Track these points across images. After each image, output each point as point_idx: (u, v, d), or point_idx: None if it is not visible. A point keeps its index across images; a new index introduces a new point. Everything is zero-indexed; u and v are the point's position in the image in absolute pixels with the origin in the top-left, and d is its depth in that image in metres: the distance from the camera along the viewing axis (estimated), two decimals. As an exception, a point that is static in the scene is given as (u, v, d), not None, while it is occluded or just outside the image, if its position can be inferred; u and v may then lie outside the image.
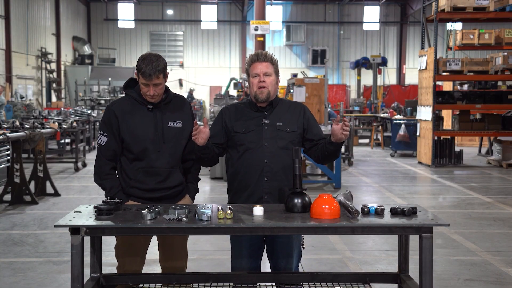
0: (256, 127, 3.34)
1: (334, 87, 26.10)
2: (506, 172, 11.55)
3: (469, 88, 14.86)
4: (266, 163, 3.29)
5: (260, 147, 3.31)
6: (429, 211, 3.15)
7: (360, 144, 17.49)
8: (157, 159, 3.33)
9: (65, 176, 10.52)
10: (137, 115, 3.33)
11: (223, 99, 13.30)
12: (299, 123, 3.41)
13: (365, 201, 7.87)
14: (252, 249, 3.40)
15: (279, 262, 3.42)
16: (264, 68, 3.33)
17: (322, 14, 31.43)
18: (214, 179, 10.18)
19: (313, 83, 11.09)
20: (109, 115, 3.34)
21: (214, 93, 24.53)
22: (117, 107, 3.36)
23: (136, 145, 3.32)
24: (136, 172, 3.35)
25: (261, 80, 3.32)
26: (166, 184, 3.37)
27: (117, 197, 3.29)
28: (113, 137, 3.34)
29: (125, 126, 3.32)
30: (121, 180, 3.39)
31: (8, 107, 17.54)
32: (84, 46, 28.48)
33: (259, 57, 3.36)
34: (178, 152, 3.41)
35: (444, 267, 5.13)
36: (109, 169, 3.38)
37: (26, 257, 5.38)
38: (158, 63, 3.21)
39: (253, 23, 14.38)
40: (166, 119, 3.36)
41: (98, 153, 3.41)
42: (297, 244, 3.43)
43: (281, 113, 3.40)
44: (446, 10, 12.09)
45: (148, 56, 3.23)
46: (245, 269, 3.40)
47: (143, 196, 3.37)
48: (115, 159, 3.39)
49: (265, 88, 3.32)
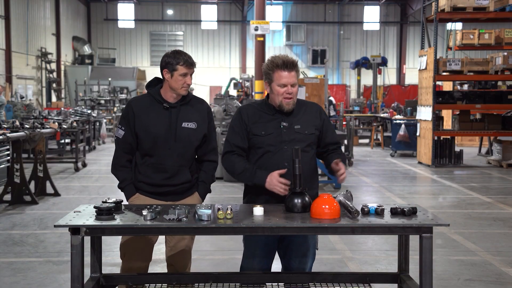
0: (275, 129, 3.31)
1: (334, 87, 26.11)
2: (506, 172, 11.55)
3: (469, 88, 14.87)
4: (286, 165, 3.24)
5: (279, 150, 3.29)
6: (429, 211, 3.15)
7: (360, 144, 17.49)
8: (166, 157, 3.41)
9: (65, 176, 10.51)
10: (152, 112, 3.43)
11: (223, 99, 13.28)
12: (316, 125, 3.38)
13: (365, 201, 7.86)
14: (267, 249, 3.38)
15: (291, 263, 3.41)
16: (292, 78, 3.25)
17: (322, 14, 31.44)
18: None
19: (313, 83, 11.10)
20: (128, 110, 3.47)
21: (214, 93, 24.54)
22: (136, 103, 3.49)
23: (147, 141, 3.41)
24: (146, 167, 3.45)
25: (289, 91, 3.26)
26: (172, 181, 3.44)
27: (127, 189, 3.44)
28: (130, 131, 3.45)
29: (139, 122, 3.42)
30: (133, 174, 3.50)
31: (8, 107, 17.54)
32: (84, 46, 28.49)
33: (287, 65, 3.24)
34: (188, 152, 3.47)
35: (444, 267, 5.13)
36: (125, 161, 3.50)
37: (26, 257, 5.38)
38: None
39: (253, 23, 14.37)
40: (180, 119, 3.43)
41: (116, 145, 3.54)
42: (312, 244, 3.41)
43: (299, 115, 3.36)
44: (446, 10, 12.09)
45: (177, 51, 3.42)
46: (256, 269, 3.38)
47: (150, 191, 3.45)
48: (132, 152, 3.50)
49: (291, 99, 3.28)
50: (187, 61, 3.35)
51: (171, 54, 3.39)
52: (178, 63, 3.35)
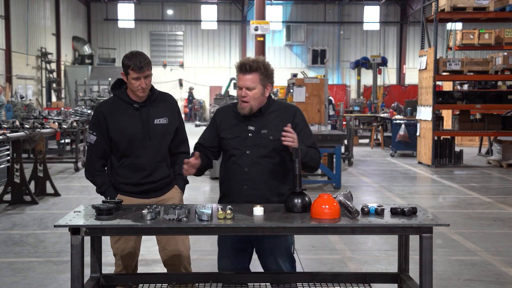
0: (241, 133, 3.28)
1: (334, 87, 26.10)
2: (506, 172, 11.55)
3: (469, 88, 14.86)
4: (246, 171, 3.23)
5: (242, 154, 3.26)
6: (429, 211, 3.15)
7: (360, 144, 17.49)
8: (143, 155, 3.46)
9: (65, 176, 10.51)
10: (124, 114, 3.46)
11: (223, 99, 13.29)
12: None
13: (365, 201, 7.87)
14: (236, 249, 3.36)
15: (265, 263, 3.37)
16: (247, 82, 3.18)
17: (322, 14, 31.44)
18: (214, 179, 10.17)
19: (313, 83, 11.09)
20: (98, 116, 3.49)
21: (214, 93, 24.52)
22: (105, 108, 3.51)
23: (123, 143, 3.45)
24: (123, 168, 3.48)
25: (242, 95, 3.22)
26: (151, 179, 3.49)
27: (108, 192, 3.47)
28: (102, 136, 3.47)
29: (113, 126, 3.44)
30: (111, 177, 3.53)
31: (8, 107, 17.53)
32: (84, 46, 28.48)
33: (242, 68, 3.20)
34: (163, 147, 3.53)
35: (444, 267, 5.13)
36: (100, 166, 3.54)
37: (26, 257, 5.38)
38: (144, 56, 3.38)
39: (253, 23, 14.38)
40: (152, 117, 3.48)
41: (88, 151, 3.56)
42: (284, 244, 3.32)
43: (270, 119, 3.28)
44: (446, 10, 12.09)
45: (133, 53, 3.40)
46: (230, 269, 3.37)
47: (130, 190, 3.49)
48: (105, 157, 3.54)
49: (247, 103, 3.22)
50: (136, 65, 3.31)
51: (126, 57, 3.38)
52: (128, 67, 3.35)
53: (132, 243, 3.54)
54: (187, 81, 30.64)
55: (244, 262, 3.43)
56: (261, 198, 3.23)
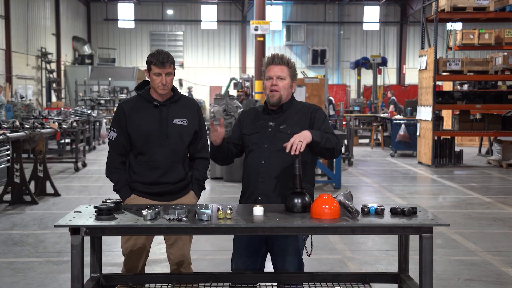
0: (261, 129, 3.36)
1: (334, 87, 26.09)
2: (506, 172, 11.55)
3: (469, 88, 14.86)
4: (262, 164, 3.29)
5: (260, 148, 3.33)
6: (429, 211, 3.15)
7: (360, 144, 17.49)
8: (159, 153, 3.45)
9: (65, 176, 10.52)
10: (143, 111, 3.48)
11: (223, 99, 13.27)
12: (303, 124, 3.32)
13: (365, 201, 7.87)
14: (251, 249, 3.39)
15: (275, 263, 3.39)
16: (278, 71, 3.33)
17: (322, 14, 31.44)
18: (214, 179, 10.18)
19: (313, 83, 11.10)
20: (119, 112, 3.53)
21: (214, 93, 24.54)
22: (126, 104, 3.54)
23: (139, 139, 3.46)
24: (139, 166, 3.48)
25: (273, 83, 3.33)
26: (166, 179, 3.47)
27: (122, 191, 3.48)
28: (122, 132, 3.50)
29: (131, 122, 3.47)
30: (127, 175, 3.53)
31: (8, 107, 17.54)
32: (84, 46, 28.48)
33: (274, 59, 3.36)
34: (180, 148, 3.52)
35: (444, 267, 5.13)
36: (119, 163, 3.54)
37: (26, 257, 5.38)
38: (168, 54, 3.44)
39: (253, 23, 14.37)
40: (171, 116, 3.49)
41: (109, 148, 3.59)
42: (294, 245, 3.35)
43: (290, 116, 3.37)
44: (446, 10, 12.09)
45: (157, 50, 3.45)
46: (242, 269, 3.39)
47: (145, 190, 3.48)
48: (125, 154, 3.55)
49: (277, 92, 3.32)
50: (158, 60, 3.37)
51: (150, 54, 3.45)
52: (151, 62, 3.40)
53: (142, 244, 3.51)
54: (187, 81, 30.64)
55: (256, 263, 3.44)
56: (276, 193, 3.28)
